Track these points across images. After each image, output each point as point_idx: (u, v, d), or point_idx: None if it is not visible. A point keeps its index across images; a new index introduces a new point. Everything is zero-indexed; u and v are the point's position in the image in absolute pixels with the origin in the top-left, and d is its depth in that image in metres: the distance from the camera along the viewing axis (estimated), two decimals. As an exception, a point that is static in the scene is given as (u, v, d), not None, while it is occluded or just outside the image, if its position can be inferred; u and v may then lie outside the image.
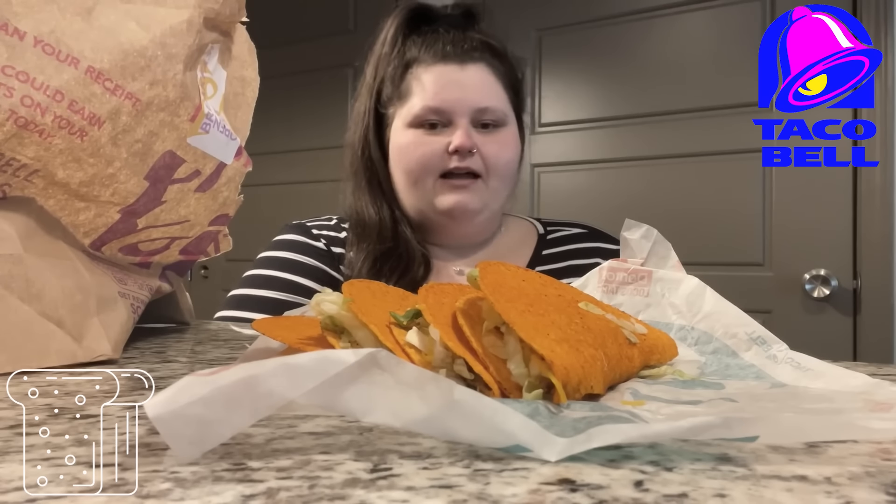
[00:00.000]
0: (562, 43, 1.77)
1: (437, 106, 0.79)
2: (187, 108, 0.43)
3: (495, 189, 0.82)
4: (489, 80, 0.82)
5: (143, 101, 0.41)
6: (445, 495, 0.17)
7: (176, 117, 0.43)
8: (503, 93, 0.83)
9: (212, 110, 0.46)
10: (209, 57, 0.47)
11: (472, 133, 0.79)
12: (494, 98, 0.81)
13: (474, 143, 0.78)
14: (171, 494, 0.17)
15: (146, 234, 0.46)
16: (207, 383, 0.19)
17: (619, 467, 0.19)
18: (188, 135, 0.44)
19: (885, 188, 1.43)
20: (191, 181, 0.46)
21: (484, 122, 0.80)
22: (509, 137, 0.83)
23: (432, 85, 0.80)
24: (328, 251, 0.86)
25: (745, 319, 0.36)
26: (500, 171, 0.81)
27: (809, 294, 1.47)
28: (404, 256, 0.82)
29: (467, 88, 0.80)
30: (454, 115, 0.79)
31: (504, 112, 0.82)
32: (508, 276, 0.31)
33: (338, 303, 0.32)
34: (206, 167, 0.46)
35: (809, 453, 0.21)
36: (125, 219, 0.44)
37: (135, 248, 0.47)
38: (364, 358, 0.20)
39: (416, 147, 0.80)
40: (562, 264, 0.87)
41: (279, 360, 0.20)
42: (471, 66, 0.81)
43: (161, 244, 0.49)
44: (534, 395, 0.25)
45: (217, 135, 0.46)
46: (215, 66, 0.48)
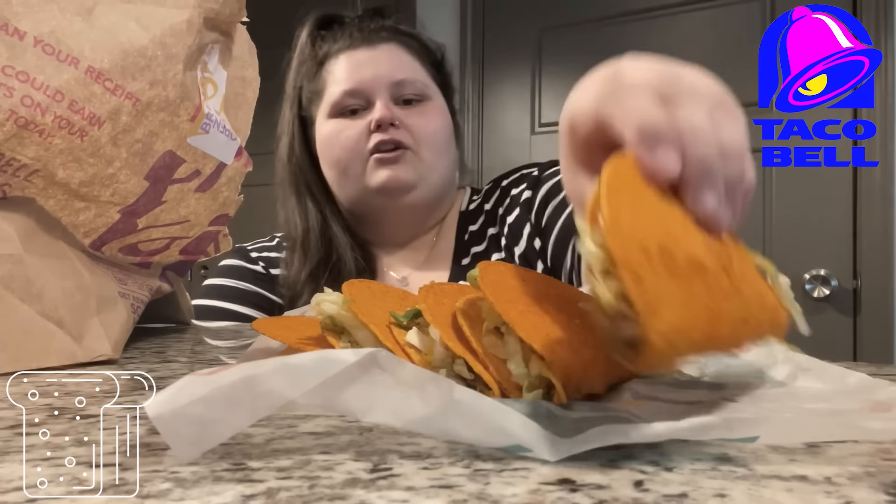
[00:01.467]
0: (562, 43, 1.77)
1: (352, 87, 0.78)
2: (187, 108, 0.43)
3: (429, 161, 0.78)
4: (402, 55, 0.81)
5: (143, 101, 0.41)
6: (445, 495, 0.17)
7: (176, 117, 0.43)
8: (421, 68, 0.82)
9: (212, 110, 0.46)
10: (209, 57, 0.47)
11: (393, 107, 0.77)
12: (410, 71, 0.79)
13: (395, 116, 0.76)
14: (171, 494, 0.17)
15: (146, 234, 0.46)
16: (207, 383, 0.19)
17: (619, 467, 0.19)
18: (188, 135, 0.44)
19: (885, 188, 1.43)
20: (191, 181, 0.46)
21: (405, 97, 0.79)
22: (433, 109, 0.80)
23: (344, 70, 0.79)
24: (266, 273, 0.84)
25: None
26: (429, 141, 0.78)
27: (809, 294, 1.47)
28: (340, 262, 0.79)
29: (380, 64, 0.78)
30: (371, 93, 0.78)
31: (424, 84, 0.80)
32: (508, 275, 0.31)
33: (338, 303, 0.32)
34: (207, 167, 0.46)
35: (809, 453, 0.21)
36: (125, 219, 0.44)
37: (135, 248, 0.47)
38: (364, 358, 0.20)
39: (338, 134, 0.79)
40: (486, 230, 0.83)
41: (279, 359, 0.20)
42: (381, 45, 0.80)
43: (161, 244, 0.49)
44: (534, 395, 0.25)
45: (217, 135, 0.46)
46: (216, 66, 0.48)
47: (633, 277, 0.20)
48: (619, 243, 0.21)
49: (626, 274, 0.20)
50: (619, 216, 0.22)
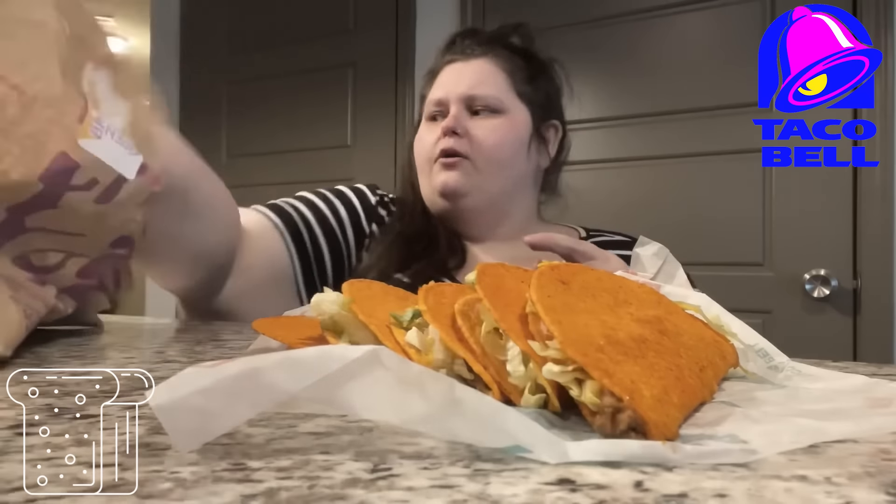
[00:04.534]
0: (561, 43, 1.77)
1: (436, 97, 0.86)
2: (74, 109, 0.41)
3: (485, 172, 0.83)
4: (487, 69, 0.86)
5: (28, 95, 0.39)
6: (445, 495, 0.17)
7: (64, 116, 0.41)
8: (504, 82, 0.86)
9: (104, 119, 0.44)
10: (96, 79, 0.45)
11: (464, 117, 0.84)
12: (487, 86, 0.85)
13: (460, 125, 0.83)
14: (171, 494, 0.17)
15: (36, 239, 0.44)
16: (209, 375, 0.19)
17: (619, 467, 0.19)
18: (79, 136, 0.42)
19: (885, 188, 1.43)
20: (89, 190, 0.44)
21: (475, 108, 0.84)
22: (500, 123, 0.84)
23: (439, 81, 0.88)
24: (375, 207, 0.90)
25: (750, 333, 0.36)
26: (486, 153, 0.83)
27: (809, 294, 1.47)
28: (434, 240, 0.85)
29: (463, 78, 0.86)
30: (448, 103, 0.85)
31: (498, 99, 0.84)
32: (508, 277, 0.30)
33: (338, 303, 0.32)
34: (105, 177, 0.44)
35: (809, 453, 0.21)
36: (12, 217, 0.42)
37: (28, 262, 0.45)
38: (366, 354, 0.20)
39: (421, 137, 0.88)
40: None
41: (281, 353, 0.20)
42: (474, 60, 0.87)
43: (55, 259, 0.46)
44: (536, 399, 0.25)
45: (112, 144, 0.44)
46: (108, 92, 0.46)
47: (603, 374, 0.22)
48: (577, 350, 0.23)
49: (596, 374, 0.22)
50: (565, 328, 0.24)
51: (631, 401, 0.21)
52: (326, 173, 2.12)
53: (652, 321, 0.28)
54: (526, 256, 0.86)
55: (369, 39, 2.08)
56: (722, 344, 0.32)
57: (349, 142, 2.12)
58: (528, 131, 0.87)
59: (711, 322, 0.34)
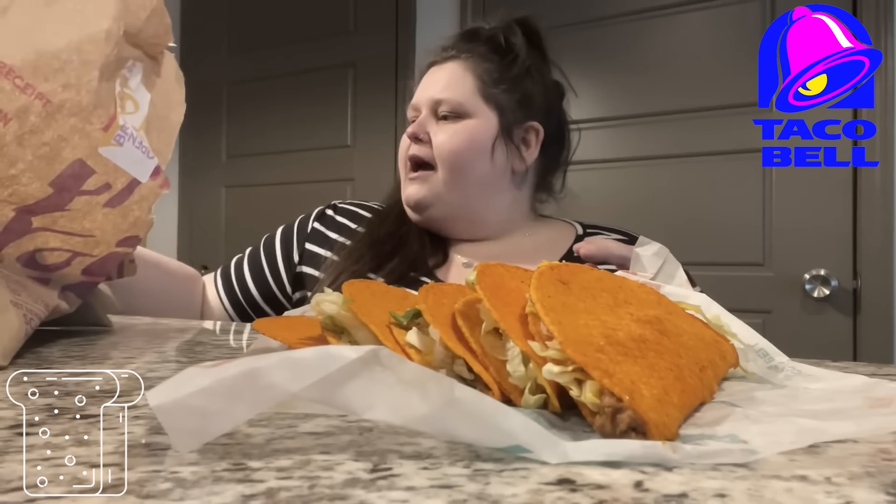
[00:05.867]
0: (561, 43, 1.77)
1: (413, 102, 0.88)
2: (101, 116, 0.42)
3: (447, 181, 0.82)
4: (457, 73, 0.86)
5: (53, 103, 0.39)
6: (445, 495, 0.17)
7: (88, 125, 0.41)
8: (471, 85, 0.85)
9: (129, 125, 0.44)
10: (130, 74, 0.45)
11: (430, 122, 0.84)
12: (452, 90, 0.84)
13: (423, 130, 0.83)
14: (171, 494, 0.17)
15: (43, 238, 0.44)
16: (209, 374, 0.19)
17: (619, 467, 0.19)
18: (100, 144, 0.42)
19: (885, 188, 1.43)
20: (100, 195, 0.44)
21: (442, 113, 0.84)
22: (460, 128, 0.83)
23: (419, 85, 0.89)
24: (307, 227, 0.92)
25: (750, 333, 0.36)
26: (446, 161, 0.82)
27: (809, 294, 1.47)
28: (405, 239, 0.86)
29: (434, 82, 0.86)
30: (419, 107, 0.86)
31: (460, 104, 0.83)
32: (507, 277, 0.30)
33: (338, 303, 0.32)
34: (118, 182, 0.44)
35: (809, 453, 0.21)
36: (20, 216, 0.42)
37: (33, 260, 0.45)
38: (366, 354, 0.20)
39: (401, 142, 0.88)
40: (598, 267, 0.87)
41: (281, 353, 0.20)
42: (448, 63, 0.87)
43: (61, 258, 0.46)
44: (535, 400, 0.25)
45: (132, 149, 0.44)
46: (138, 86, 0.46)
47: (603, 374, 0.22)
48: (577, 351, 0.23)
49: (596, 374, 0.22)
50: (565, 329, 0.24)
51: (631, 401, 0.21)
52: (326, 173, 2.12)
53: (652, 321, 0.28)
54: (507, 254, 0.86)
55: (369, 40, 2.08)
56: (722, 344, 0.33)
57: (349, 142, 2.12)
58: (490, 135, 0.84)
59: (711, 322, 0.34)
